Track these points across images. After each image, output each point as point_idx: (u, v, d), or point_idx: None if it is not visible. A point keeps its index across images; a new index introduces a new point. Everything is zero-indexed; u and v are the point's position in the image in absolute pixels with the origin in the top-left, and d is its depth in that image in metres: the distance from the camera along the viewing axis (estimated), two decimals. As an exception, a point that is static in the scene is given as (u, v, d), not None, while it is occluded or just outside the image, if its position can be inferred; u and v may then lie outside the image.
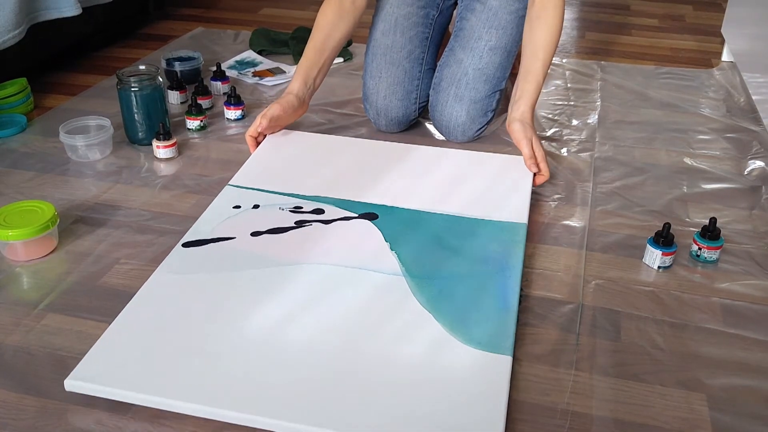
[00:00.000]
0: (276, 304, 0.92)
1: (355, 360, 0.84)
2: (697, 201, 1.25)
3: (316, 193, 1.17)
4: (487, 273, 0.98)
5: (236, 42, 2.02)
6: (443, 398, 0.79)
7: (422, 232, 1.07)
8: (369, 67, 1.45)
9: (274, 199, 1.15)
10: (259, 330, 0.88)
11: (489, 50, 1.38)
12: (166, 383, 0.80)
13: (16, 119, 1.48)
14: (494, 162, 1.28)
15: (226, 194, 1.17)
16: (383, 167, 1.25)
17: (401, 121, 1.45)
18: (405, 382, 0.81)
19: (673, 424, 0.79)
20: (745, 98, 1.67)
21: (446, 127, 1.41)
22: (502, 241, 1.05)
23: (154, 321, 0.89)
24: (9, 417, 0.79)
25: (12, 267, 1.05)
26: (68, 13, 1.65)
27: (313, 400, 0.78)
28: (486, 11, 1.39)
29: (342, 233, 1.07)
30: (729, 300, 1.00)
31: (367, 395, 0.79)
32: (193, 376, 0.81)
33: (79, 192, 1.25)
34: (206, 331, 0.88)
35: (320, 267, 0.99)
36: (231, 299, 0.93)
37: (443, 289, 0.95)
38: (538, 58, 1.26)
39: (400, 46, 1.42)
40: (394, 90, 1.42)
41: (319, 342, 0.86)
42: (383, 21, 1.43)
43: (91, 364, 0.82)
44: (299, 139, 1.36)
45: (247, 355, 0.84)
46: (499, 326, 0.89)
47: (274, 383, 0.80)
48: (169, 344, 0.85)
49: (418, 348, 0.86)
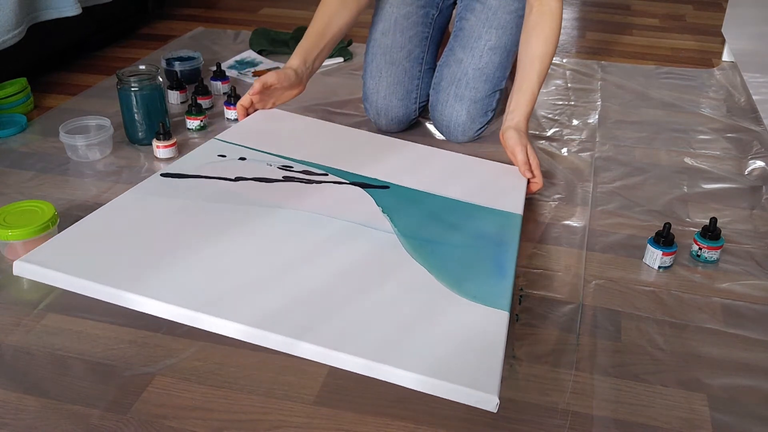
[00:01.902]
0: (255, 236, 0.87)
1: (335, 299, 0.79)
2: (698, 201, 1.25)
3: (307, 159, 1.12)
4: (482, 245, 0.95)
5: (236, 42, 2.02)
6: (439, 344, 0.75)
7: (417, 205, 1.03)
8: (369, 67, 1.45)
9: (263, 156, 1.10)
10: (233, 253, 0.83)
11: (489, 50, 1.38)
12: (123, 277, 0.75)
13: (16, 119, 1.48)
14: (488, 168, 1.24)
15: (211, 145, 1.11)
16: (378, 156, 1.20)
17: (401, 120, 1.45)
18: (395, 324, 0.77)
19: (674, 424, 0.79)
20: (745, 98, 1.67)
21: (446, 126, 1.41)
22: (498, 225, 1.02)
23: (121, 226, 0.84)
24: (9, 417, 0.79)
25: (12, 267, 1.05)
26: (68, 12, 1.65)
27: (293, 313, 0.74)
28: (486, 11, 1.38)
29: (332, 192, 1.02)
30: (729, 300, 1.00)
31: (356, 321, 0.75)
32: (154, 273, 0.76)
33: (79, 192, 1.24)
34: (173, 240, 0.83)
35: (306, 214, 0.94)
36: (205, 223, 0.88)
37: (436, 250, 0.91)
38: (534, 69, 1.24)
39: (400, 46, 1.42)
40: (394, 89, 1.42)
41: (302, 273, 0.81)
42: (383, 20, 1.43)
43: (46, 252, 0.78)
44: (290, 118, 1.29)
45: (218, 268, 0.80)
46: (496, 286, 0.86)
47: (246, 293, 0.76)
48: (132, 246, 0.81)
49: (408, 294, 0.82)
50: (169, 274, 0.78)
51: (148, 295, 0.74)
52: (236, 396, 0.82)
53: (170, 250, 0.82)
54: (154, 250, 0.81)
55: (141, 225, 0.86)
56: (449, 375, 0.71)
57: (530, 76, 1.25)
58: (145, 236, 0.84)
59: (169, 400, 0.81)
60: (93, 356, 0.87)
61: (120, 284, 0.75)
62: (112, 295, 0.74)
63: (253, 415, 0.79)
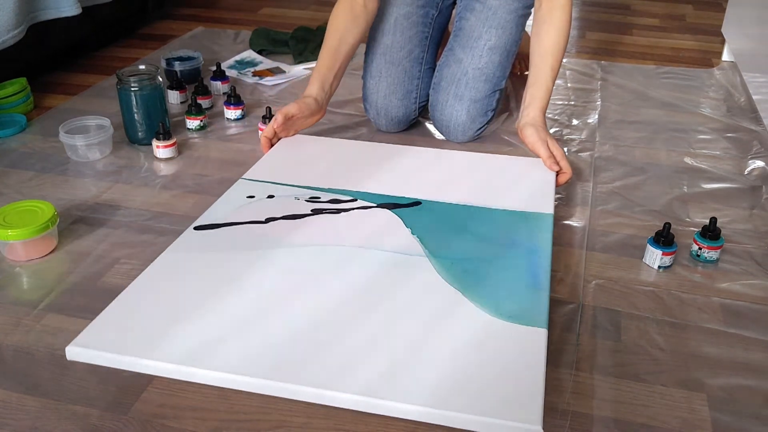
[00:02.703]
0: (290, 279, 0.90)
1: (375, 332, 0.82)
2: (698, 201, 1.25)
3: (333, 186, 1.15)
4: (514, 255, 0.96)
5: (236, 42, 2.02)
6: (478, 372, 0.76)
7: (445, 220, 1.04)
8: (369, 67, 1.45)
9: (290, 191, 1.13)
10: (273, 303, 0.86)
11: (489, 50, 1.38)
12: (171, 351, 0.78)
13: (16, 119, 1.48)
14: (515, 165, 1.25)
15: (239, 186, 1.15)
16: (402, 167, 1.23)
17: (401, 120, 1.45)
18: (436, 355, 0.78)
19: (674, 424, 0.79)
20: (745, 98, 1.67)
21: (446, 126, 1.41)
22: (529, 229, 1.03)
23: (161, 294, 0.87)
24: (9, 417, 0.79)
25: (12, 267, 1.05)
26: (68, 12, 1.65)
27: (337, 367, 0.76)
28: (485, 10, 1.38)
29: (361, 219, 1.04)
30: (729, 300, 1.00)
31: (396, 365, 0.77)
32: (199, 344, 0.79)
33: (79, 192, 1.24)
34: (218, 302, 0.86)
35: (339, 248, 0.97)
36: (242, 275, 0.91)
37: (468, 269, 0.92)
38: (546, 63, 1.25)
39: (399, 46, 1.42)
40: (394, 89, 1.42)
41: (339, 313, 0.84)
42: (383, 20, 1.43)
43: (94, 332, 0.81)
44: (314, 142, 1.34)
45: (265, 324, 0.83)
46: (531, 301, 0.87)
47: (293, 349, 0.79)
48: (176, 315, 0.84)
49: (447, 322, 0.83)
50: (220, 345, 0.80)
51: (206, 367, 0.77)
52: (236, 396, 0.81)
53: (215, 315, 0.85)
54: (197, 318, 0.84)
55: (182, 290, 0.89)
56: (490, 409, 0.72)
57: (543, 70, 1.26)
58: (187, 303, 0.87)
59: (169, 400, 0.81)
60: (93, 356, 0.87)
61: (174, 359, 0.78)
62: (171, 371, 0.78)
63: (253, 415, 0.79)
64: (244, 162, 1.34)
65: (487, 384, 0.75)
